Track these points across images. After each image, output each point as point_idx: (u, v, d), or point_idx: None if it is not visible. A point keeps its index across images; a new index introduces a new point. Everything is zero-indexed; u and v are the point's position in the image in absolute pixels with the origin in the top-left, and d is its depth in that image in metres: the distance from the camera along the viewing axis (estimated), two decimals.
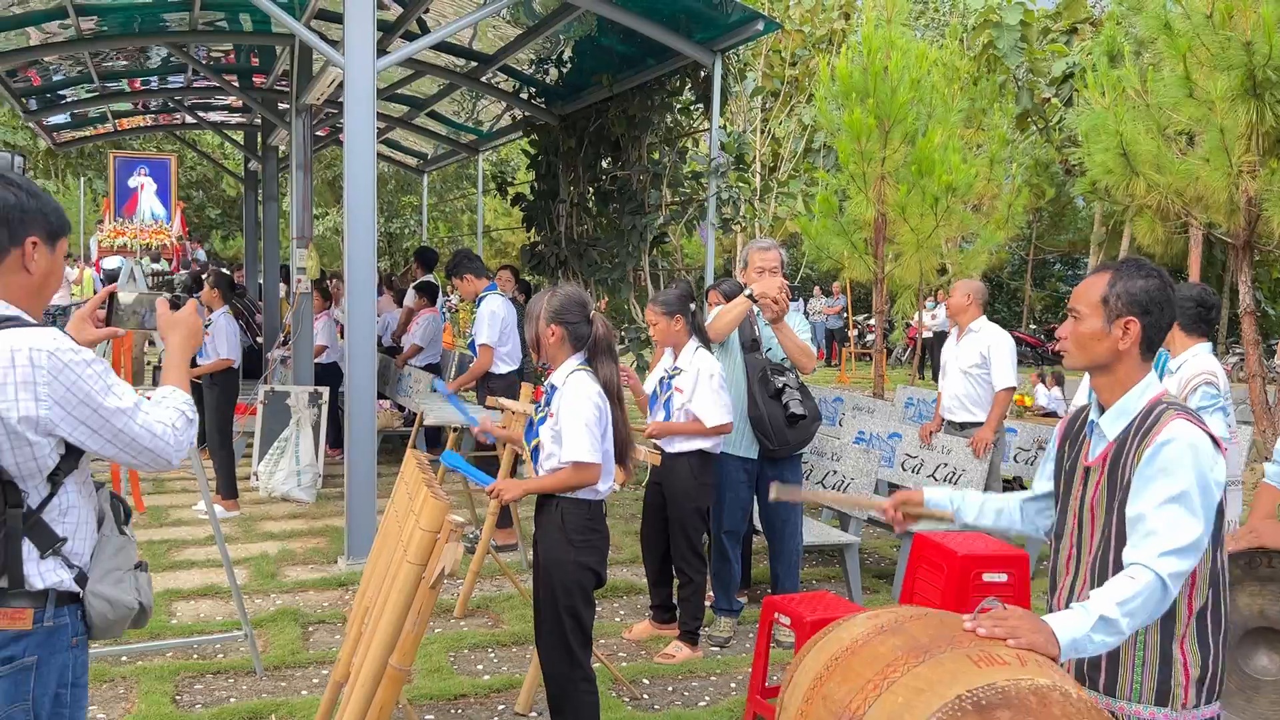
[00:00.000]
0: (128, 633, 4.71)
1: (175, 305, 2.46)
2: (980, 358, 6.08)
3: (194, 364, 6.44)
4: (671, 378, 4.74)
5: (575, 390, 3.22)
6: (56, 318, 19.21)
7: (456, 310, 20.92)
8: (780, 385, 4.85)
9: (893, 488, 7.28)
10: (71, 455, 2.08)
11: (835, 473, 5.77)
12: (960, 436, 6.15)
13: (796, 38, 17.78)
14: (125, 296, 2.55)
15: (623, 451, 3.33)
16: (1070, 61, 19.02)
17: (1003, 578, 4.04)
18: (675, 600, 4.93)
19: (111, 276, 15.89)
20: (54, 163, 28.46)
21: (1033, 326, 25.14)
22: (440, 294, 10.87)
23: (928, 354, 17.62)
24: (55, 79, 10.43)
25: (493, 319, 6.62)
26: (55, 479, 2.06)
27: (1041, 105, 20.99)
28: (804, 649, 1.92)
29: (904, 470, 6.53)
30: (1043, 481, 2.45)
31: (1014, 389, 6.07)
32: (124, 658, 4.46)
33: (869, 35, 9.73)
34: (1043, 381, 13.43)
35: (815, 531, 5.59)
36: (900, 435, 6.65)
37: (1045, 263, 28.23)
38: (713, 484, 4.82)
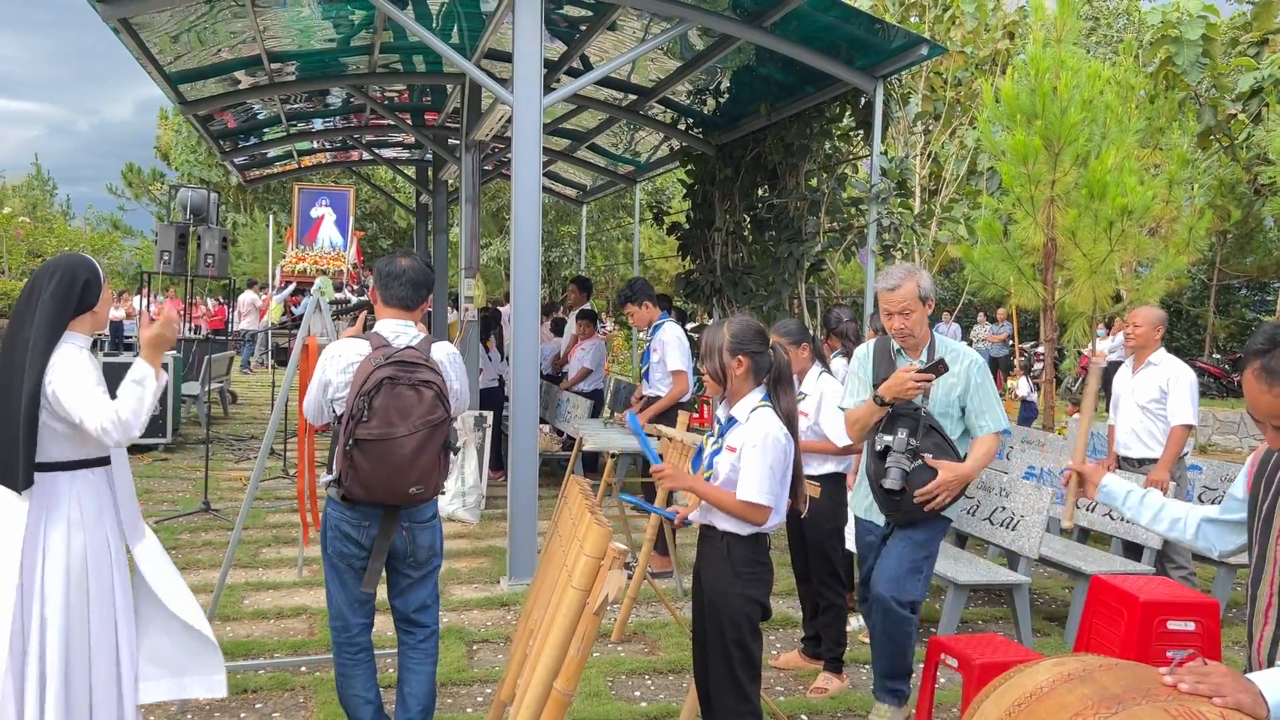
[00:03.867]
0: (307, 644, 4.98)
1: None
2: (1160, 392, 5.75)
3: None
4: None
5: (762, 429, 3.16)
6: (246, 342, 20.59)
7: (610, 336, 21.25)
8: (885, 445, 3.83)
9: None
10: None
11: (1004, 509, 5.56)
12: (1138, 473, 5.83)
13: (958, 59, 17.35)
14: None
15: (795, 483, 3.29)
16: (1260, 75, 17.84)
17: (1189, 626, 3.80)
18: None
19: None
20: (243, 198, 30.57)
21: (1216, 356, 23.56)
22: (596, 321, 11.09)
23: (1101, 385, 16.75)
24: (248, 121, 11.22)
25: (680, 345, 6.61)
26: None
27: (1226, 122, 19.74)
28: (981, 694, 1.85)
29: (1078, 507, 6.23)
30: (1231, 512, 2.38)
31: (1192, 426, 5.71)
32: (303, 668, 4.71)
33: (1036, 55, 9.41)
34: (1027, 374, 12.38)
35: (981, 570, 5.39)
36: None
37: (1230, 288, 26.44)
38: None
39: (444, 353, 3.54)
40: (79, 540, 3.07)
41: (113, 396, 3.02)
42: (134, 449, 10.04)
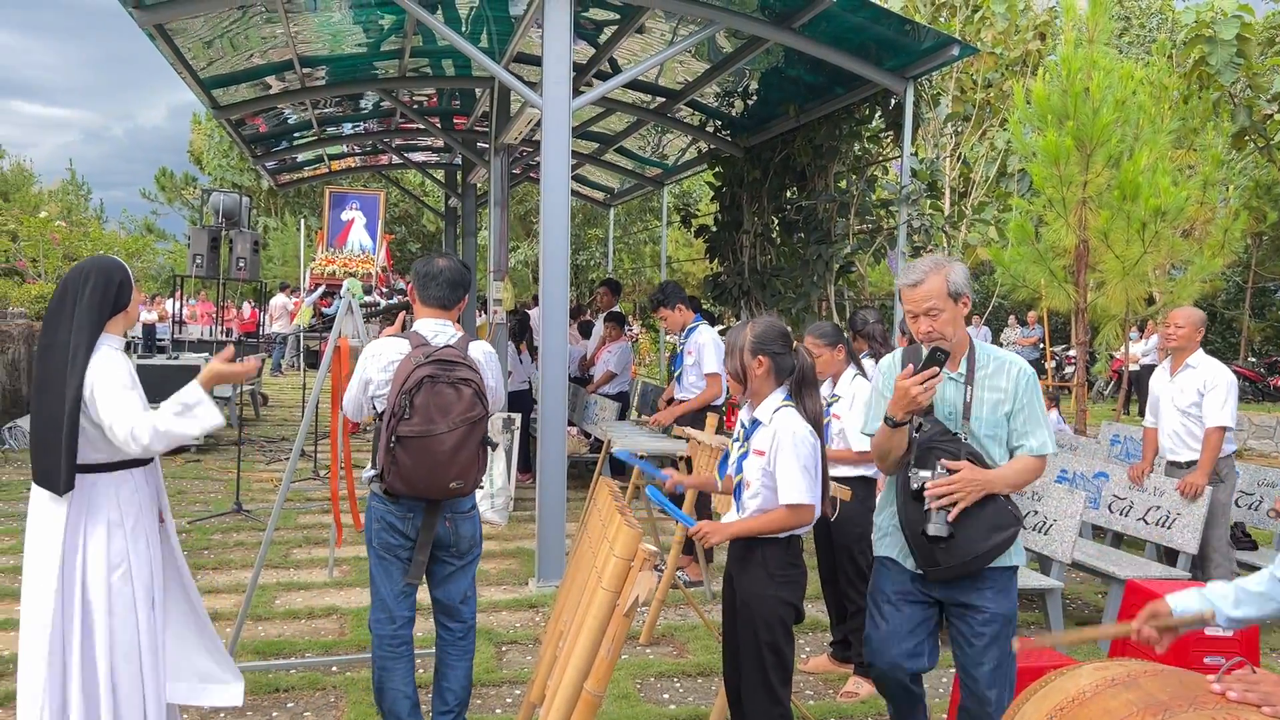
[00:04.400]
0: (338, 644, 5.01)
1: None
2: (1199, 395, 5.67)
3: None
4: (830, 405, 4.75)
5: (788, 429, 3.15)
6: (278, 345, 20.78)
7: (636, 339, 21.26)
8: (921, 482, 3.11)
9: (1098, 530, 6.88)
10: None
11: (1036, 513, 5.50)
12: (1186, 475, 5.75)
13: (989, 60, 17.23)
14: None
15: (824, 487, 3.26)
16: None
17: (1227, 633, 3.74)
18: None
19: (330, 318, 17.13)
20: (274, 201, 30.85)
21: (1251, 359, 23.22)
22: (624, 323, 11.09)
23: (1134, 388, 16.57)
24: (279, 125, 11.32)
25: (718, 348, 6.58)
26: None
27: (1262, 123, 19.47)
28: (1021, 697, 1.83)
29: (1111, 512, 6.16)
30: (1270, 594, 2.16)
31: (1227, 429, 5.61)
32: (334, 668, 4.73)
33: (1068, 56, 9.33)
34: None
35: None
36: (1107, 475, 6.28)
37: (1266, 291, 26.06)
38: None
39: (480, 351, 3.64)
40: (119, 541, 3.11)
41: (154, 396, 3.07)
42: (166, 451, 10.13)
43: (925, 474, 3.09)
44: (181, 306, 16.38)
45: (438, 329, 3.61)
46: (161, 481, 3.39)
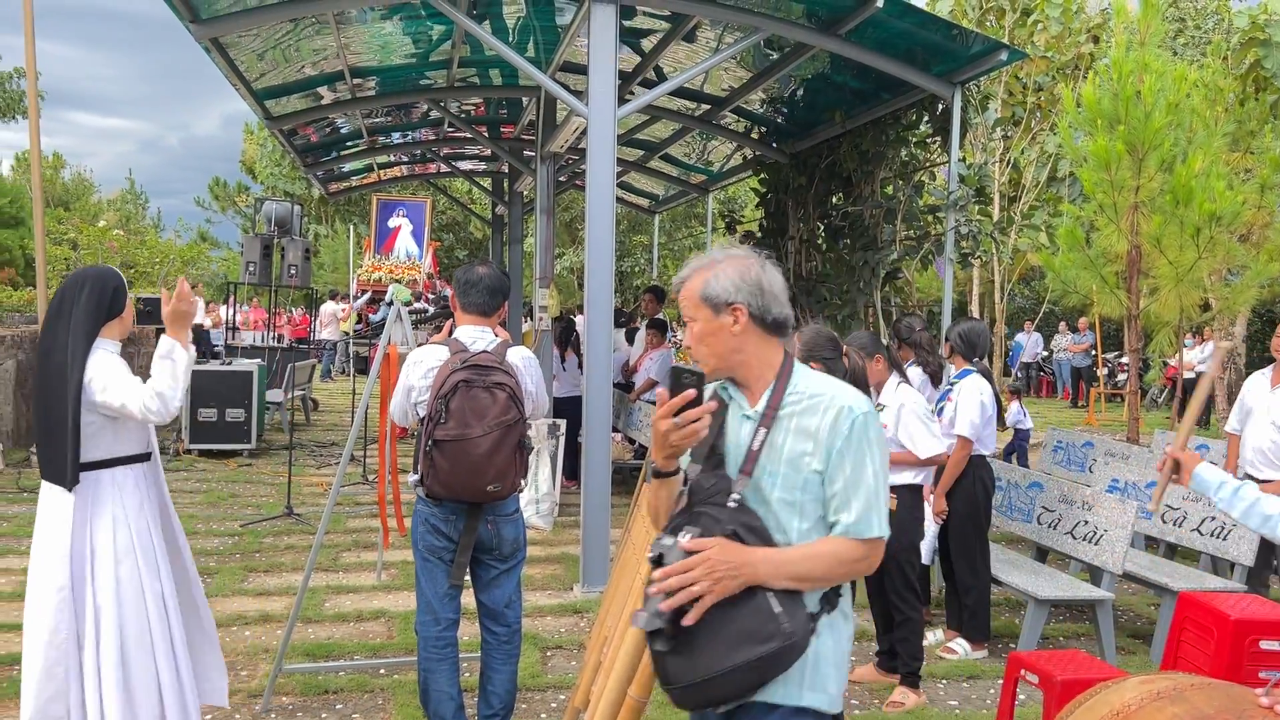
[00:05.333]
0: (386, 646, 5.08)
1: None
2: None
3: None
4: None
5: None
6: (327, 351, 21.09)
7: (679, 345, 21.24)
8: (657, 554, 2.07)
9: (1150, 541, 6.76)
10: None
11: (1086, 523, 5.43)
12: None
13: (1040, 64, 17.02)
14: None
15: None
16: None
17: None
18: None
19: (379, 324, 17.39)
20: (324, 209, 31.31)
21: None
22: (669, 330, 11.11)
23: (1188, 396, 16.24)
24: (330, 135, 11.51)
25: None
26: None
27: None
28: (1065, 711, 1.82)
29: (1164, 523, 6.06)
30: None
31: None
32: (382, 670, 4.80)
33: (1119, 59, 9.20)
34: (1017, 397, 11.58)
35: (1063, 585, 5.27)
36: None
37: None
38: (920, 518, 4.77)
39: (519, 356, 3.69)
40: (124, 533, 3.25)
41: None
42: (220, 454, 10.35)
43: (668, 541, 2.06)
44: (235, 312, 16.68)
45: (476, 335, 3.68)
46: (163, 476, 3.53)
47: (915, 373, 5.68)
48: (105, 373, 3.21)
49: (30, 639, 3.18)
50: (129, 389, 3.20)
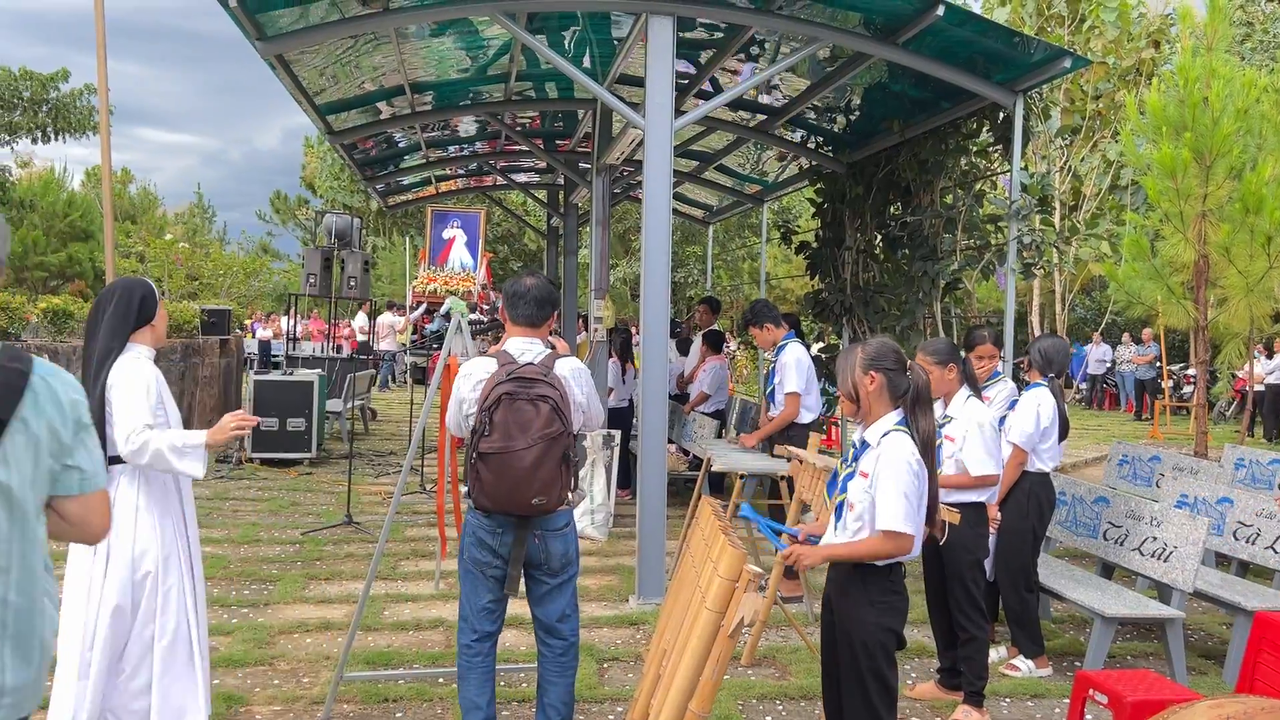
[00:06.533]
0: (444, 655, 5.10)
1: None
2: None
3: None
4: (941, 426, 4.64)
5: (894, 453, 3.10)
6: (385, 362, 21.37)
7: (734, 357, 21.17)
8: None
9: (1221, 559, 6.57)
10: None
11: (1155, 539, 5.29)
12: None
13: (1100, 70, 16.72)
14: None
15: (932, 510, 3.19)
16: None
17: None
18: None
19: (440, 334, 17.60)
20: (383, 222, 31.77)
21: None
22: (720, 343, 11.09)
23: (1259, 409, 15.81)
24: (389, 149, 11.68)
25: (799, 367, 6.57)
26: None
27: None
28: None
29: (1236, 539, 5.89)
30: None
31: None
32: (440, 679, 4.83)
33: (1185, 65, 9.00)
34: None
35: (1130, 602, 5.14)
36: (1231, 500, 6.00)
37: None
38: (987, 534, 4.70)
39: (569, 368, 3.67)
40: (146, 527, 3.41)
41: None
42: (281, 463, 10.52)
43: None
44: (295, 324, 16.97)
45: (524, 347, 3.66)
46: (180, 480, 3.65)
47: (1006, 385, 5.57)
48: (123, 382, 3.37)
49: (63, 652, 3.33)
50: (130, 410, 3.33)
